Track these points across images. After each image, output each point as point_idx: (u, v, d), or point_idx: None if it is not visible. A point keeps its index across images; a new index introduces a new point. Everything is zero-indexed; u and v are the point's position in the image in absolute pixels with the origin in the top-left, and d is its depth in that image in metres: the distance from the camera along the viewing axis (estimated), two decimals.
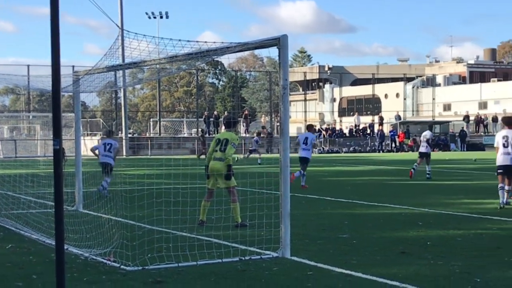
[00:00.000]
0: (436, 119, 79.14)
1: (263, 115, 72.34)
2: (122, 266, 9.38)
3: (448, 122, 72.07)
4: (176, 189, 14.98)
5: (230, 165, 13.25)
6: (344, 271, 9.11)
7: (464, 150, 62.74)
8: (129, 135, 58.55)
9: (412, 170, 26.17)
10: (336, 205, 17.37)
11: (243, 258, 9.94)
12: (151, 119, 76.34)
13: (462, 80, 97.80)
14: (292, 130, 68.38)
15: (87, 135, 56.20)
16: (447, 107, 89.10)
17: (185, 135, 64.99)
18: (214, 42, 10.47)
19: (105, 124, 64.10)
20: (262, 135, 55.10)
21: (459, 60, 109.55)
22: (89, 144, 49.00)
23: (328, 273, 9.05)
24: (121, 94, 58.89)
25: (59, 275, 7.98)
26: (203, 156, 43.73)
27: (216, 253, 10.11)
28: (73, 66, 49.10)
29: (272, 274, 9.06)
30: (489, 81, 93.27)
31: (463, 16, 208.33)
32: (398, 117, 68.84)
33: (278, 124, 68.58)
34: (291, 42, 10.01)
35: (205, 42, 10.35)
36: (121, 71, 14.37)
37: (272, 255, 10.20)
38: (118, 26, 50.35)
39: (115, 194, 13.08)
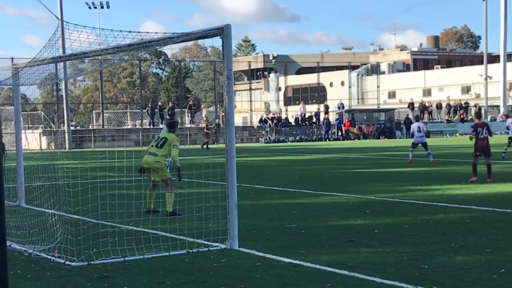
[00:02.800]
0: (381, 106, 79.96)
1: (205, 107, 72.08)
2: (67, 262, 9.20)
3: (393, 109, 72.82)
4: (121, 182, 14.79)
5: (178, 167, 13.57)
6: (292, 261, 9.08)
7: (409, 137, 63.41)
8: (72, 128, 57.73)
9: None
10: (283, 194, 17.34)
11: (191, 251, 9.84)
12: (94, 111, 75.49)
13: (406, 67, 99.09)
14: (238, 120, 68.38)
15: (28, 128, 55.22)
16: (391, 95, 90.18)
17: (129, 126, 64.42)
18: (156, 33, 10.32)
19: (47, 116, 63.06)
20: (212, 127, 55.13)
21: (403, 48, 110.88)
22: (30, 138, 48.19)
23: (277, 264, 9.00)
24: (62, 86, 58.02)
25: (2, 273, 7.76)
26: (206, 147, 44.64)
27: (163, 246, 9.98)
28: (12, 58, 48.15)
29: (220, 266, 8.98)
30: (433, 68, 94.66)
31: (405, 3, 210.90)
32: (341, 105, 69.29)
33: (223, 114, 68.43)
34: (235, 31, 9.99)
35: (147, 32, 10.18)
36: (62, 63, 14.06)
37: (220, 247, 10.11)
38: (57, 17, 49.53)
39: (58, 188, 12.82)
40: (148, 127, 59.62)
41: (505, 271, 8.35)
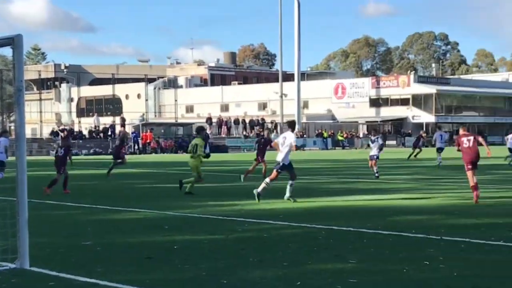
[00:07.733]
0: (179, 120, 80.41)
1: None
2: None
3: (191, 124, 73.40)
4: None
5: None
6: (88, 280, 8.72)
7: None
8: None
9: None
10: (78, 210, 16.84)
11: None
12: None
13: (203, 82, 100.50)
14: (27, 132, 65.95)
15: None
16: (189, 109, 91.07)
17: None
18: None
19: None
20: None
21: (200, 63, 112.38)
22: None
23: (71, 283, 8.62)
24: None
25: None
26: None
27: None
28: None
29: (10, 287, 8.48)
30: (230, 84, 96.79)
31: (202, 19, 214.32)
32: (123, 119, 67.39)
33: (10, 125, 65.54)
34: (24, 38, 9.41)
35: None
36: None
37: (9, 266, 9.50)
38: None
39: None
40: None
41: (300, 283, 8.47)
